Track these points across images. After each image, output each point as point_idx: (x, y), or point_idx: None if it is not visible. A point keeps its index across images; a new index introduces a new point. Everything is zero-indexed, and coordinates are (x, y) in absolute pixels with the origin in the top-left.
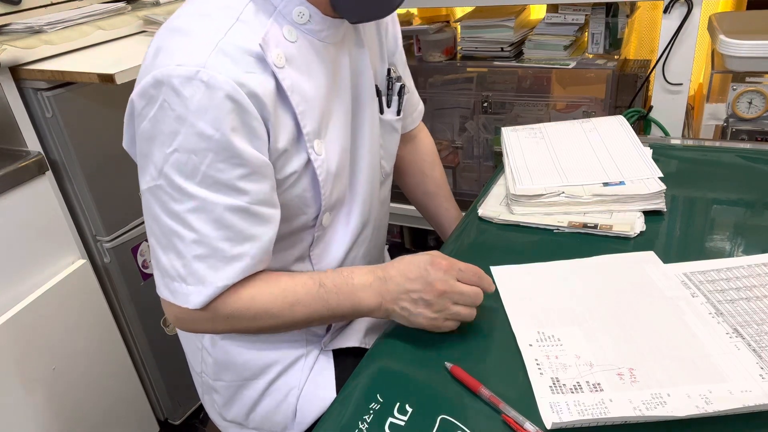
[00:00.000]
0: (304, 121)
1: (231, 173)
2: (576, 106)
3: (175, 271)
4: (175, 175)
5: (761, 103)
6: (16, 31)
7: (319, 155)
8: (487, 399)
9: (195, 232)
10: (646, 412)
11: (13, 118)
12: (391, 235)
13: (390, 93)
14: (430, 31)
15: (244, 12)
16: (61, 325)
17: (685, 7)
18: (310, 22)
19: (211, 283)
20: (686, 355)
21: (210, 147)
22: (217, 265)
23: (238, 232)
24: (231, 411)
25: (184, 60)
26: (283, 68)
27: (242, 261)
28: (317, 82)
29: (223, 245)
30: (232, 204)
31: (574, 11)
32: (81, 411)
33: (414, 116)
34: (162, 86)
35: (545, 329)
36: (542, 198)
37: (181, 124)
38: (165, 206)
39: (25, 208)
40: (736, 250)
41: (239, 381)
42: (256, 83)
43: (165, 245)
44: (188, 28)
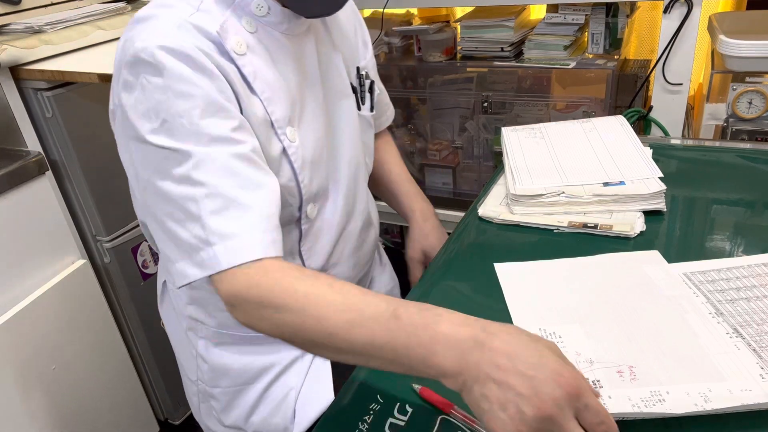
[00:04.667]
0: (271, 107)
1: (223, 126)
2: (576, 106)
3: (196, 238)
4: (170, 143)
5: (761, 103)
6: (16, 31)
7: (293, 142)
8: (461, 420)
9: (205, 187)
10: (644, 409)
11: (13, 118)
12: (391, 235)
13: (363, 90)
14: (430, 31)
15: (204, 2)
16: (61, 325)
17: (685, 7)
18: (269, 14)
19: (235, 234)
20: (686, 353)
21: (195, 105)
22: (235, 215)
23: (247, 179)
24: (230, 416)
25: (149, 37)
26: (244, 55)
27: (259, 210)
28: (283, 71)
29: (237, 193)
30: (234, 151)
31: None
32: (81, 411)
33: (382, 120)
34: (135, 65)
35: (546, 326)
36: (542, 198)
37: (162, 93)
38: (171, 175)
39: (25, 208)
40: (736, 250)
41: (237, 386)
42: (219, 61)
43: (180, 217)
44: (150, 16)
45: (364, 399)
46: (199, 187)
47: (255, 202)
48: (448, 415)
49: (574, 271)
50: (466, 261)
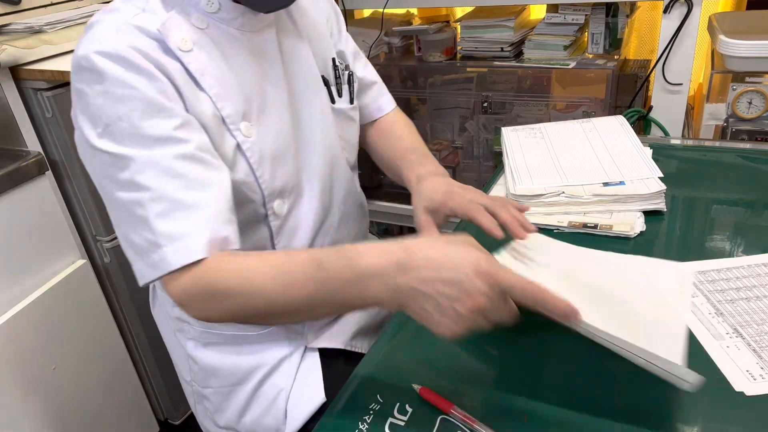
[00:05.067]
0: (221, 103)
1: (165, 126)
2: (576, 106)
3: (146, 241)
4: (114, 147)
5: (761, 103)
6: (16, 31)
7: (248, 137)
8: (461, 420)
9: (150, 190)
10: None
11: (13, 118)
12: (390, 235)
13: (339, 82)
14: (430, 31)
15: (149, 2)
16: (61, 325)
17: (685, 7)
18: (220, 10)
19: (183, 234)
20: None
21: (135, 107)
22: (181, 216)
23: (193, 179)
24: (223, 417)
25: (88, 44)
26: (190, 51)
27: (207, 208)
28: (236, 66)
29: (181, 194)
30: (177, 152)
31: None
32: (81, 411)
33: (380, 102)
34: (78, 73)
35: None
36: (542, 198)
37: (102, 98)
38: (117, 181)
39: (25, 208)
40: (736, 250)
41: (227, 386)
42: (159, 58)
43: (130, 221)
44: (95, 22)
45: (364, 399)
46: (144, 191)
47: (202, 201)
48: (448, 415)
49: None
50: None
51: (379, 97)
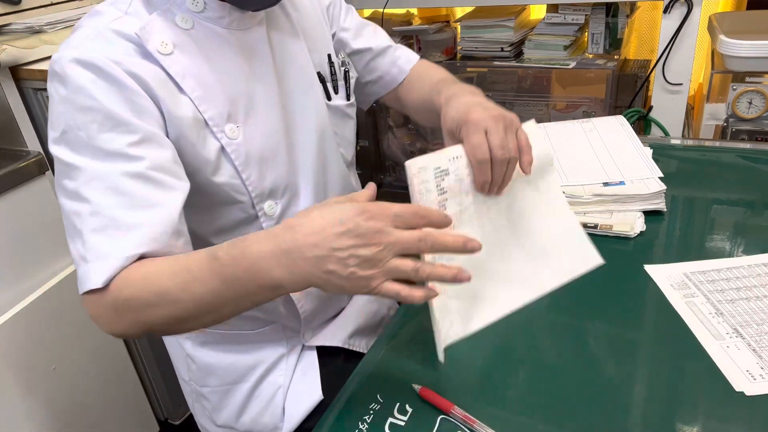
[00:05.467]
0: (203, 106)
1: (120, 141)
2: (576, 106)
3: (79, 254)
4: (67, 154)
5: (761, 103)
6: (16, 31)
7: (234, 139)
8: (461, 420)
9: (90, 204)
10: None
11: (13, 118)
12: None
13: (335, 79)
14: (430, 31)
15: (132, 5)
16: (61, 325)
17: (685, 7)
18: (206, 9)
19: (109, 254)
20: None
21: (94, 119)
22: (114, 234)
23: (136, 199)
24: (221, 416)
25: (64, 49)
26: (171, 55)
27: (142, 229)
28: (222, 67)
29: (119, 213)
30: (126, 170)
31: (574, 11)
32: (81, 411)
33: (399, 65)
34: (51, 77)
35: None
36: None
37: (64, 105)
38: (64, 190)
39: (25, 208)
40: (736, 250)
41: (225, 385)
42: (135, 64)
43: (70, 231)
44: (78, 26)
45: (364, 399)
46: (84, 204)
47: (140, 223)
48: (448, 415)
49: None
50: None
51: (397, 59)
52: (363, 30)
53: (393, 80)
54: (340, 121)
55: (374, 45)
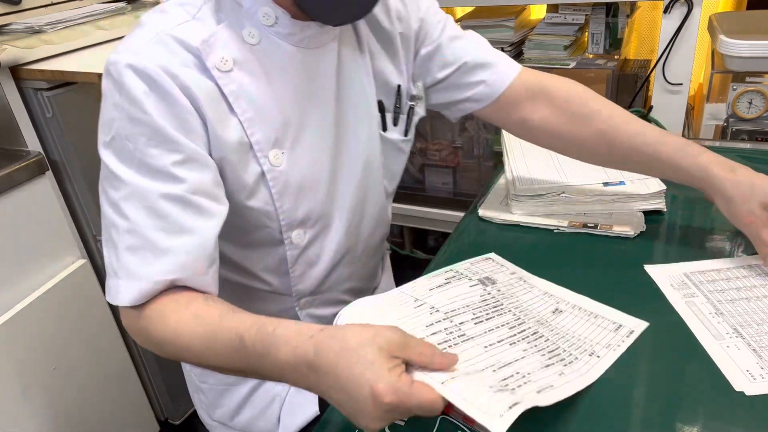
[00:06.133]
0: (251, 129)
1: (165, 159)
2: None
3: (110, 265)
4: (113, 162)
5: (761, 103)
6: (16, 31)
7: (276, 166)
8: (461, 420)
9: (128, 221)
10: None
11: (13, 118)
12: (390, 235)
13: (397, 111)
14: None
15: (202, 10)
16: (61, 325)
17: (685, 7)
18: (277, 24)
19: (140, 276)
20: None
21: (142, 131)
22: (148, 257)
23: (173, 223)
24: (217, 412)
25: (124, 49)
26: (230, 72)
27: (176, 255)
28: (280, 88)
29: (156, 235)
30: (167, 192)
31: (574, 11)
32: (81, 411)
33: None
34: (107, 76)
35: None
36: (542, 198)
37: (116, 111)
38: (106, 195)
39: (25, 208)
40: (736, 250)
41: (223, 385)
42: (190, 78)
43: (106, 239)
44: (145, 22)
45: None
46: (123, 219)
47: (173, 248)
48: (448, 415)
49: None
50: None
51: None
52: (457, 45)
53: (481, 99)
54: (391, 153)
55: (466, 60)
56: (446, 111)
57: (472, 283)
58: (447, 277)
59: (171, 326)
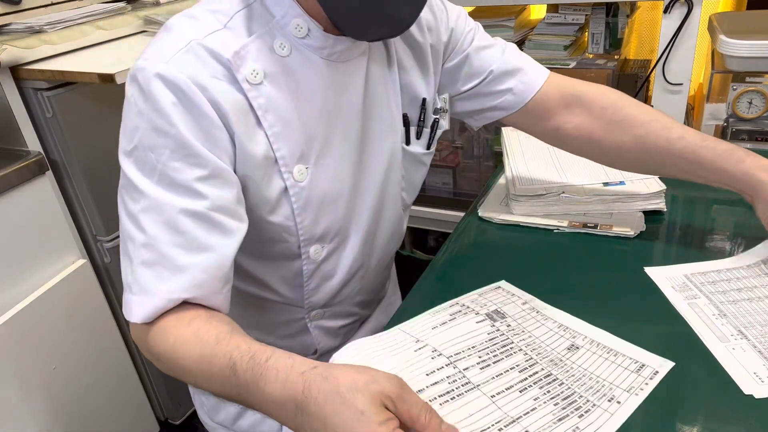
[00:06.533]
0: (277, 144)
1: (188, 173)
2: None
3: (126, 278)
4: (134, 172)
5: (761, 103)
6: (16, 31)
7: (299, 182)
8: None
9: (145, 234)
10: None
11: (13, 118)
12: None
13: (421, 125)
14: None
15: (234, 19)
16: (61, 325)
17: (685, 7)
18: (308, 37)
19: (154, 293)
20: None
21: (166, 144)
22: (163, 274)
23: (191, 240)
24: (219, 415)
25: (153, 56)
26: (260, 84)
27: (193, 273)
28: (308, 102)
29: (173, 252)
30: (187, 207)
31: (574, 11)
32: (81, 411)
33: (517, 92)
34: (132, 82)
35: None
36: (542, 198)
37: (141, 119)
38: (125, 206)
39: (25, 208)
40: (736, 250)
41: None
42: (220, 91)
43: (123, 251)
44: (173, 27)
45: None
46: (140, 233)
47: (190, 266)
48: None
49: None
50: (466, 261)
51: (518, 84)
52: (484, 54)
53: (508, 107)
54: (412, 167)
55: (492, 68)
56: (470, 119)
57: (479, 319)
58: (452, 313)
59: (170, 343)
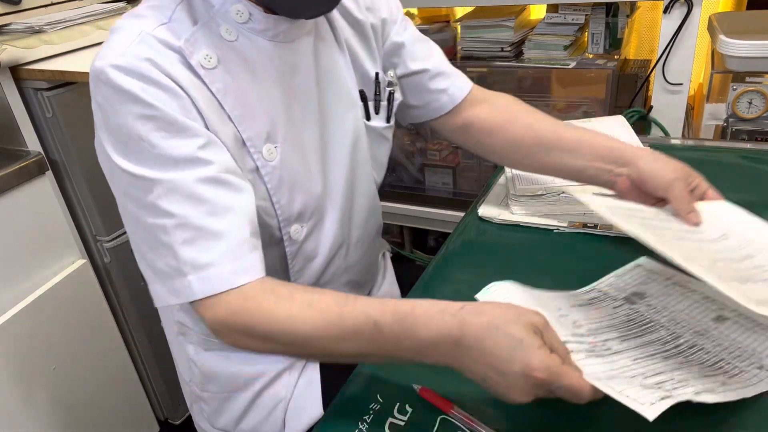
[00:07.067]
0: (242, 125)
1: (188, 146)
2: (576, 106)
3: (170, 267)
4: (133, 168)
5: (761, 103)
6: (16, 31)
7: (270, 161)
8: (461, 420)
9: (174, 217)
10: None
11: (13, 118)
12: (390, 236)
13: (378, 98)
14: (430, 31)
15: (176, 11)
16: (61, 325)
17: (685, 7)
18: (251, 21)
19: (208, 264)
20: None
21: (156, 126)
22: (207, 245)
23: (217, 205)
24: (220, 420)
25: (107, 54)
26: (214, 69)
27: (231, 236)
28: (264, 83)
29: (206, 221)
30: (201, 175)
31: (574, 11)
32: (81, 411)
33: (451, 93)
34: (97, 85)
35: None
36: (542, 198)
37: (121, 115)
38: (139, 203)
39: (25, 208)
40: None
41: (226, 392)
42: (180, 74)
43: (152, 245)
44: (121, 26)
45: (364, 399)
46: (167, 218)
47: (226, 228)
48: (448, 415)
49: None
50: (466, 261)
51: (449, 87)
52: (418, 47)
53: (441, 107)
54: (376, 143)
55: (429, 66)
56: (401, 113)
57: (617, 304)
58: (590, 298)
59: (282, 317)
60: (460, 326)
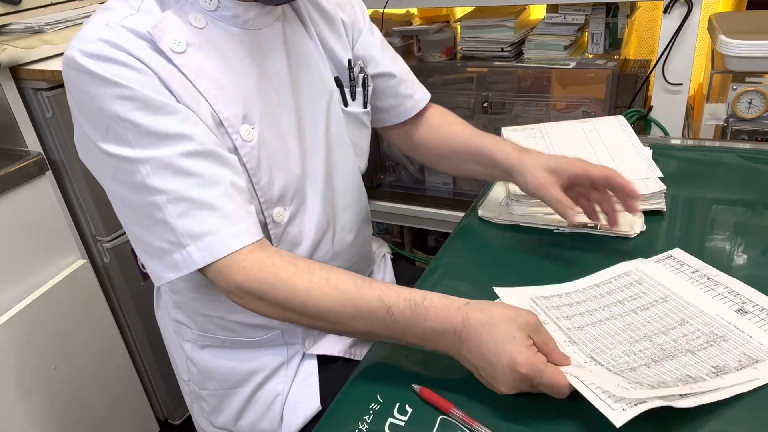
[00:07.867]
0: (218, 106)
1: (168, 122)
2: (576, 106)
3: (168, 242)
4: (118, 150)
5: (761, 103)
6: (16, 31)
7: (248, 141)
8: (461, 420)
9: (165, 193)
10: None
11: (13, 118)
12: (390, 235)
13: (353, 85)
14: (430, 31)
15: (145, 2)
16: (61, 325)
17: (685, 7)
18: (219, 8)
19: (206, 233)
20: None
21: (135, 106)
22: (201, 215)
23: (204, 176)
24: (219, 418)
25: (76, 44)
26: (184, 53)
27: (224, 204)
28: (236, 67)
29: (197, 193)
30: (185, 149)
31: (574, 11)
32: (81, 411)
33: (413, 101)
34: (70, 73)
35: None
36: None
37: (97, 100)
38: (128, 184)
39: (25, 208)
40: (736, 250)
41: (224, 389)
42: (150, 59)
43: (146, 224)
44: (90, 19)
45: (364, 399)
46: (159, 195)
47: (217, 198)
48: (448, 415)
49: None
50: (466, 261)
51: (414, 93)
52: (384, 53)
53: (405, 113)
54: (356, 128)
55: (394, 71)
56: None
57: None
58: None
59: (300, 288)
60: (463, 320)
